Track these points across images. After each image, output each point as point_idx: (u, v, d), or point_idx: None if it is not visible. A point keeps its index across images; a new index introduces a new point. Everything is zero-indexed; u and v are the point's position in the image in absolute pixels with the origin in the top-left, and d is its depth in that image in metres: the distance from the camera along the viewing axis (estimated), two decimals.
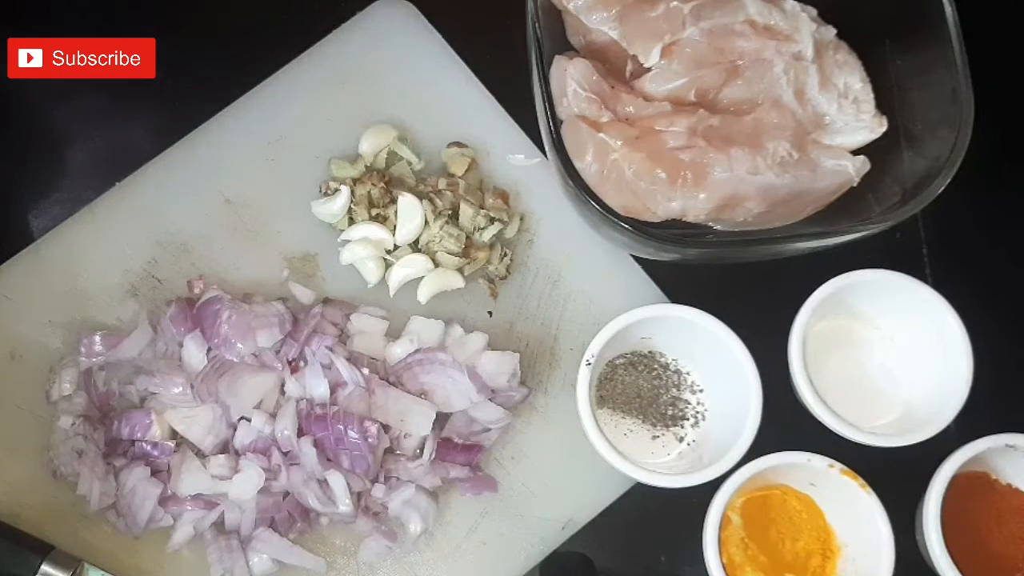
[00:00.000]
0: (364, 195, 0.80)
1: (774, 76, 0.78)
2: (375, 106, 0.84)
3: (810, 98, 0.78)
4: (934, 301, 0.76)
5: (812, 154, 0.77)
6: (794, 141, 0.76)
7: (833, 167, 0.77)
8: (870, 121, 0.79)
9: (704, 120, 0.76)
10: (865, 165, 0.78)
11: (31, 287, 0.79)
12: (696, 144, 0.74)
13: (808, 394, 0.75)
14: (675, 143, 0.74)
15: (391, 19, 0.86)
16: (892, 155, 0.78)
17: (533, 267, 0.82)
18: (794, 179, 0.75)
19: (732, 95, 0.78)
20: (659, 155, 0.74)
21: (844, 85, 0.79)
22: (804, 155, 0.76)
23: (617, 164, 0.73)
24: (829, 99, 0.79)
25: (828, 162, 0.77)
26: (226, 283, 0.80)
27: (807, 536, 0.77)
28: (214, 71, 0.86)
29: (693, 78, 0.77)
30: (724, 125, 0.76)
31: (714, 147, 0.74)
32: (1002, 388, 0.78)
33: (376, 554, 0.76)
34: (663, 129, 0.75)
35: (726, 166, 0.74)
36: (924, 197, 0.72)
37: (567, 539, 0.78)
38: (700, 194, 0.73)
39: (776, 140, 0.75)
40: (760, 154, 0.74)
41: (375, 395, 0.75)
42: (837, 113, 0.79)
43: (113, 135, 0.85)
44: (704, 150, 0.74)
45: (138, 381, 0.76)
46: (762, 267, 0.84)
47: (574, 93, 0.76)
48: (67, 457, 0.74)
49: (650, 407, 0.80)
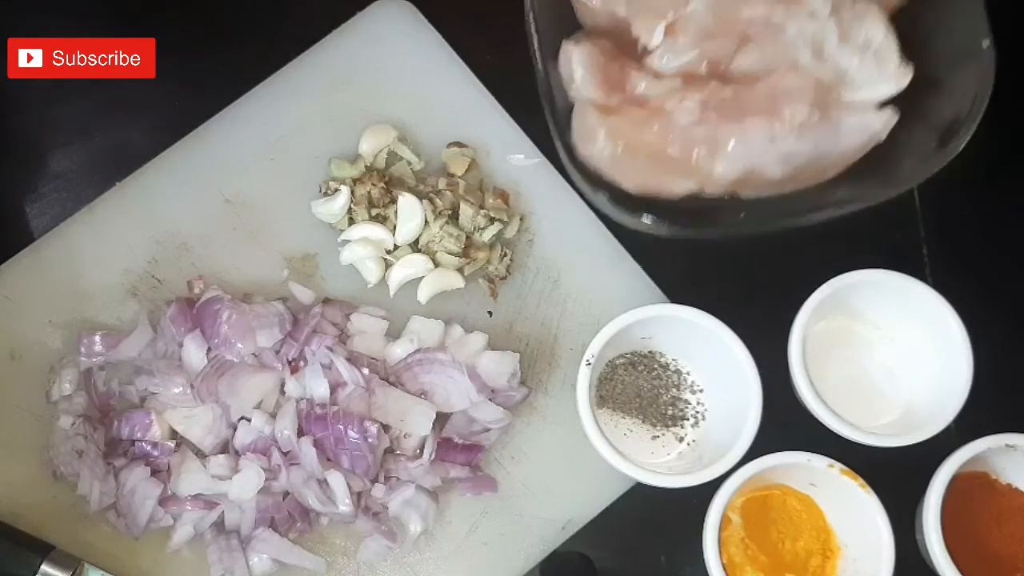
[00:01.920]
0: (364, 195, 0.80)
1: (787, 39, 0.75)
2: (375, 106, 0.84)
3: (830, 55, 0.75)
4: (934, 301, 0.76)
5: (834, 114, 0.74)
6: (814, 102, 0.73)
7: (857, 124, 0.74)
8: (894, 72, 0.76)
9: (716, 93, 0.74)
10: (893, 117, 0.75)
11: (31, 287, 0.79)
12: (709, 118, 0.72)
13: (808, 394, 0.75)
14: (687, 120, 0.73)
15: (391, 19, 0.86)
16: (919, 104, 0.75)
17: (533, 267, 0.82)
18: (816, 142, 0.73)
19: (745, 64, 0.76)
20: (671, 134, 0.72)
21: (865, 37, 0.76)
22: (825, 116, 0.73)
23: (629, 147, 0.72)
24: (850, 53, 0.75)
25: (851, 120, 0.74)
26: (226, 283, 0.80)
27: (807, 536, 0.77)
28: (214, 71, 0.86)
29: (702, 51, 0.75)
30: (737, 96, 0.74)
31: (727, 119, 0.72)
32: (1002, 388, 0.78)
33: (376, 554, 0.76)
34: (674, 107, 0.73)
35: (741, 138, 0.72)
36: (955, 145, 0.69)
37: (567, 539, 0.77)
38: (716, 169, 0.72)
39: (793, 104, 0.73)
40: (777, 121, 0.72)
41: (375, 395, 0.75)
42: (859, 67, 0.75)
43: (113, 135, 0.85)
44: (716, 124, 0.72)
45: (138, 381, 0.76)
46: (763, 267, 0.84)
47: (582, 78, 0.74)
48: (67, 457, 0.74)
49: (650, 407, 0.80)
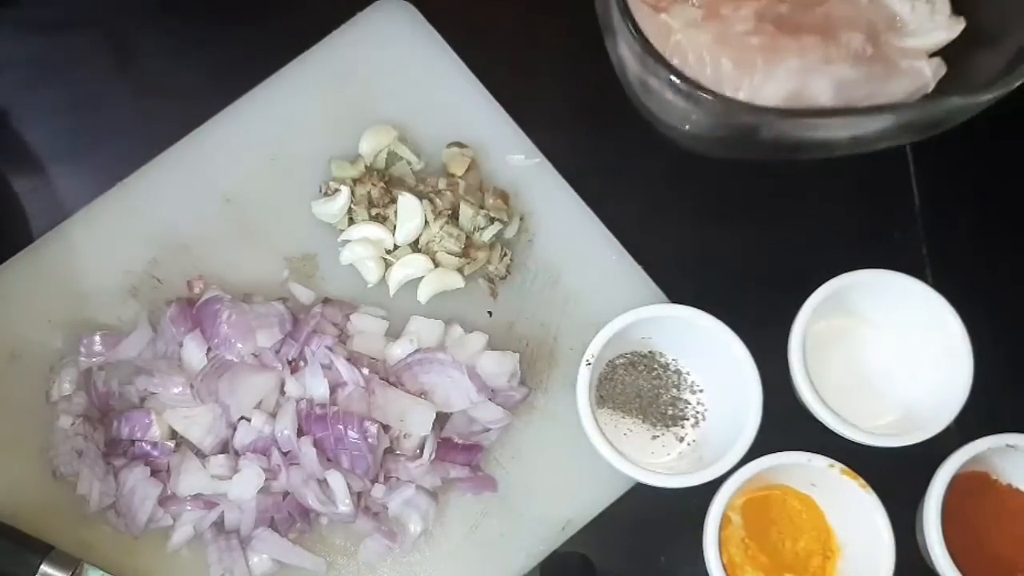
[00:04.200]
0: (364, 195, 0.80)
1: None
2: (375, 106, 0.84)
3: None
4: (934, 301, 0.76)
5: (887, 52, 0.72)
6: (868, 35, 0.72)
7: (909, 67, 0.72)
8: (946, 21, 0.75)
9: (773, 7, 0.71)
10: (941, 68, 0.74)
11: (31, 287, 0.79)
12: (765, 30, 0.70)
13: (808, 394, 0.75)
14: (743, 27, 0.70)
15: (391, 19, 0.86)
16: (970, 57, 0.74)
17: (533, 267, 0.82)
18: (868, 74, 0.71)
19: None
20: (726, 38, 0.70)
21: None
22: (878, 51, 0.72)
23: (680, 47, 0.69)
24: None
25: (903, 62, 0.72)
26: (226, 283, 0.80)
27: (807, 536, 0.77)
28: (214, 71, 0.86)
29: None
30: (794, 14, 0.72)
31: (785, 33, 0.70)
32: (1002, 388, 0.78)
33: (376, 554, 0.76)
34: (729, 12, 0.70)
35: (799, 53, 0.69)
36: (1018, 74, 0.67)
37: (567, 539, 0.77)
38: (769, 84, 0.69)
39: (850, 32, 0.71)
40: (834, 44, 0.70)
41: (375, 395, 0.75)
42: (911, 14, 0.75)
43: (113, 135, 0.85)
44: (775, 35, 0.70)
45: (138, 381, 0.76)
46: (763, 267, 0.84)
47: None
48: (67, 457, 0.74)
49: (650, 407, 0.80)
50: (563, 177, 0.83)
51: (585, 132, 0.86)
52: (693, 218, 0.85)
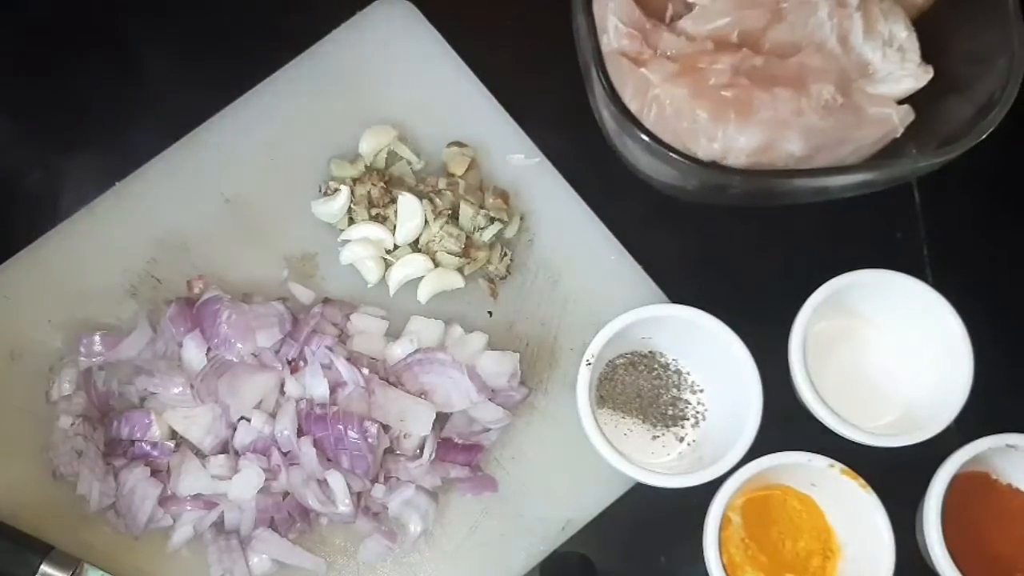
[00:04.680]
0: (364, 195, 0.80)
1: (818, 21, 0.76)
2: (375, 106, 0.84)
3: (854, 45, 0.77)
4: (934, 301, 0.76)
5: (856, 101, 0.75)
6: (839, 86, 0.75)
7: (877, 115, 0.75)
8: (915, 70, 0.77)
9: (748, 59, 0.74)
10: (909, 115, 0.76)
11: (31, 287, 0.79)
12: (740, 82, 0.73)
13: (808, 394, 0.75)
14: (718, 80, 0.73)
15: (391, 19, 0.86)
16: (937, 105, 0.77)
17: (533, 267, 0.82)
18: (837, 123, 0.74)
19: (775, 38, 0.77)
20: (702, 91, 0.72)
21: (889, 33, 0.78)
22: (848, 100, 0.75)
23: (658, 100, 0.72)
24: (874, 47, 0.77)
25: (872, 109, 0.75)
26: (226, 283, 0.80)
27: (807, 536, 0.77)
28: (214, 71, 0.86)
29: (736, 18, 0.76)
30: (768, 66, 0.75)
31: (758, 86, 0.73)
32: (1003, 388, 0.78)
33: (376, 554, 0.76)
34: (706, 66, 0.74)
35: (770, 105, 0.72)
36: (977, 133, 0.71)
37: (567, 539, 0.77)
38: (743, 134, 0.72)
39: (820, 83, 0.74)
40: (804, 95, 0.73)
41: (375, 395, 0.75)
42: (882, 61, 0.77)
43: (113, 135, 0.85)
44: (748, 88, 0.73)
45: (138, 381, 0.76)
46: (763, 267, 0.84)
47: (615, 28, 0.75)
48: (67, 457, 0.74)
49: (650, 407, 0.80)
50: (563, 177, 0.83)
51: (585, 132, 0.85)
52: (693, 218, 0.85)
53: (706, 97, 0.72)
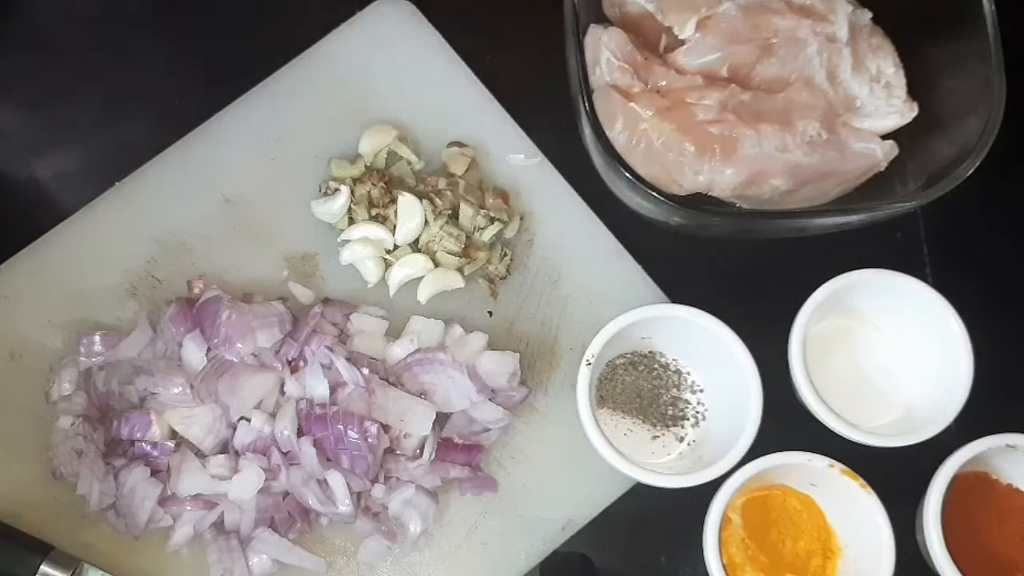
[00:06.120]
0: (364, 195, 0.80)
1: (807, 56, 0.78)
2: (375, 106, 0.84)
3: (842, 80, 0.78)
4: (934, 301, 0.76)
5: (841, 135, 0.76)
6: (824, 121, 0.76)
7: (861, 150, 0.77)
8: (901, 106, 0.79)
9: (735, 95, 0.76)
10: (893, 150, 0.78)
11: (31, 287, 0.79)
12: (726, 119, 0.75)
13: (808, 394, 0.75)
14: (705, 116, 0.75)
15: (391, 19, 0.86)
16: (921, 142, 0.78)
17: (533, 267, 0.82)
18: (822, 159, 0.75)
19: (765, 73, 0.78)
20: (689, 127, 0.74)
21: (877, 69, 0.79)
22: (833, 136, 0.76)
23: (646, 133, 0.74)
24: (861, 82, 0.79)
25: (856, 144, 0.77)
26: (226, 283, 0.80)
27: (807, 536, 0.77)
28: (214, 71, 0.86)
29: (727, 53, 0.77)
30: (755, 101, 0.76)
31: (744, 122, 0.74)
32: (1002, 388, 0.78)
33: (376, 554, 0.76)
34: (694, 102, 0.75)
35: (755, 141, 0.74)
36: (952, 179, 0.72)
37: (567, 539, 0.77)
38: (728, 168, 0.74)
39: (806, 119, 0.76)
40: (789, 132, 0.75)
41: (375, 395, 0.75)
42: (868, 97, 0.79)
43: (113, 135, 0.85)
44: (734, 124, 0.74)
45: (138, 381, 0.76)
46: (763, 267, 0.84)
47: (607, 62, 0.76)
48: (67, 457, 0.74)
49: (650, 407, 0.80)
50: (563, 177, 0.83)
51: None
52: None
53: (693, 133, 0.74)
